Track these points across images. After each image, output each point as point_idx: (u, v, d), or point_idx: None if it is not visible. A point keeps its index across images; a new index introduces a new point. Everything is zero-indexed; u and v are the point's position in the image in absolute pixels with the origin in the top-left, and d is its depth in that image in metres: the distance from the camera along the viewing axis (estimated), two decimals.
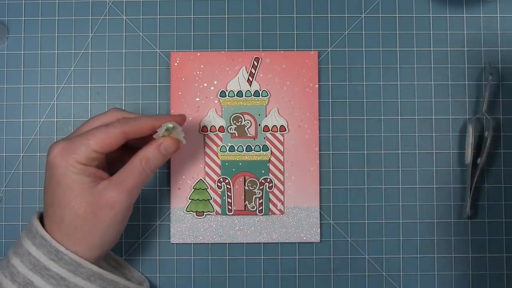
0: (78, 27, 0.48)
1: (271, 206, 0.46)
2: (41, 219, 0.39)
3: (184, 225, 0.46)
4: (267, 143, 0.46)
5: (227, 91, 0.47)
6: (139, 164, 0.39)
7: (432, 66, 0.47)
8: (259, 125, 0.47)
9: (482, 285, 0.47)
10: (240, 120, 0.47)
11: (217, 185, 0.46)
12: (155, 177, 0.47)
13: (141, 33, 0.48)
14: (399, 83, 0.47)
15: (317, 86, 0.47)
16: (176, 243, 0.46)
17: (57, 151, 0.37)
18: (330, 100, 0.47)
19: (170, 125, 0.40)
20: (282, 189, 0.46)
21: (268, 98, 0.47)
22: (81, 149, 0.37)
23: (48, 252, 0.37)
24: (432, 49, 0.47)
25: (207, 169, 0.46)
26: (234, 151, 0.46)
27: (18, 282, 0.36)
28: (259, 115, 0.47)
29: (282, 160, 0.46)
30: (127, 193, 0.38)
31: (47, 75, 0.47)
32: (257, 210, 0.46)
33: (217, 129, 0.47)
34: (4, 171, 0.47)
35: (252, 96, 0.47)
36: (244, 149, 0.46)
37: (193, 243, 0.46)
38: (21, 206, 0.47)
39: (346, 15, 0.48)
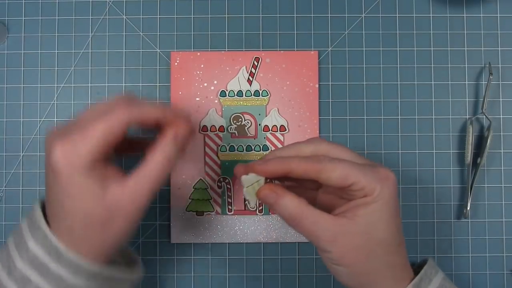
0: (78, 27, 0.48)
1: None
2: (43, 208, 0.35)
3: (184, 225, 0.46)
4: (267, 143, 0.46)
5: (227, 90, 0.47)
6: (158, 162, 0.34)
7: (432, 66, 0.47)
8: (259, 125, 0.47)
9: (482, 285, 0.47)
10: (240, 120, 0.47)
11: (217, 184, 0.46)
12: None
13: (141, 33, 0.48)
14: (399, 83, 0.47)
15: (317, 86, 0.47)
16: (176, 243, 0.46)
17: (59, 155, 0.33)
18: (330, 100, 0.47)
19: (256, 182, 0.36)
20: None
21: (268, 98, 0.47)
22: (85, 151, 0.33)
23: (48, 251, 0.34)
24: (432, 49, 0.47)
25: (207, 168, 0.46)
26: (234, 150, 0.46)
27: (15, 276, 0.33)
28: (259, 115, 0.47)
29: None
30: (143, 203, 0.34)
31: (47, 75, 0.47)
32: (257, 210, 0.46)
33: (217, 129, 0.47)
34: (4, 171, 0.47)
35: (252, 96, 0.47)
36: (244, 149, 0.46)
37: (193, 243, 0.46)
38: (21, 206, 0.47)
39: (346, 15, 0.48)
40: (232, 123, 0.47)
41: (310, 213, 0.34)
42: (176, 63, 0.47)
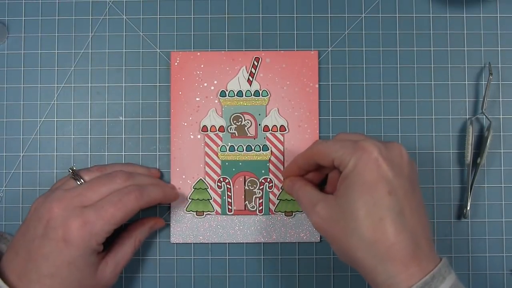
0: (78, 27, 0.48)
1: (271, 206, 0.46)
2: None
3: (184, 225, 0.46)
4: (267, 143, 0.46)
5: (227, 91, 0.47)
6: (132, 245, 0.42)
7: (432, 66, 0.47)
8: (259, 125, 0.47)
9: (482, 285, 0.47)
10: (240, 120, 0.47)
11: (217, 185, 0.46)
12: None
13: (141, 33, 0.48)
14: (399, 83, 0.47)
15: (317, 86, 0.47)
16: (176, 243, 0.46)
17: (77, 227, 0.37)
18: (330, 100, 0.47)
19: None
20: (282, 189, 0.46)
21: (268, 98, 0.47)
22: (101, 230, 0.37)
23: None
24: (432, 49, 0.47)
25: (207, 168, 0.46)
26: (234, 151, 0.46)
27: None
28: (259, 115, 0.47)
29: (282, 160, 0.46)
30: (118, 273, 0.41)
31: (47, 75, 0.47)
32: (257, 210, 0.46)
33: (217, 129, 0.47)
34: (4, 171, 0.47)
35: (252, 96, 0.47)
36: (244, 149, 0.46)
37: (193, 243, 0.46)
38: (21, 206, 0.47)
39: (346, 15, 0.48)
40: (232, 123, 0.47)
41: (300, 184, 0.41)
42: (176, 63, 0.47)
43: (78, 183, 0.41)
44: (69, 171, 0.42)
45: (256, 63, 0.47)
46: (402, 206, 0.34)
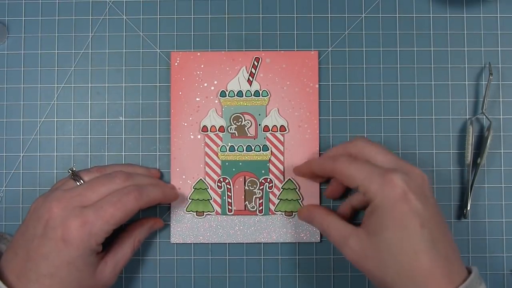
0: (78, 27, 0.48)
1: (271, 206, 0.46)
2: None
3: (184, 225, 0.46)
4: (267, 143, 0.46)
5: (227, 91, 0.47)
6: (132, 246, 0.42)
7: (432, 66, 0.47)
8: (259, 125, 0.47)
9: None
10: (240, 120, 0.47)
11: (217, 185, 0.46)
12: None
13: (141, 33, 0.48)
14: (399, 83, 0.47)
15: (317, 86, 0.47)
16: (176, 243, 0.46)
17: (76, 227, 0.37)
18: (330, 100, 0.47)
19: None
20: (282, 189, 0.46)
21: (268, 98, 0.47)
22: (100, 230, 0.37)
23: None
24: (432, 49, 0.47)
25: (207, 169, 0.46)
26: (234, 151, 0.46)
27: None
28: (259, 115, 0.47)
29: (282, 160, 0.46)
30: (118, 273, 0.41)
31: (47, 75, 0.47)
32: (257, 210, 0.46)
33: (217, 129, 0.47)
34: (4, 171, 0.47)
35: (252, 96, 0.47)
36: (244, 149, 0.46)
37: (193, 243, 0.46)
38: (21, 206, 0.47)
39: (346, 15, 0.48)
40: (232, 123, 0.47)
41: (321, 215, 0.41)
42: (176, 63, 0.47)
43: (78, 183, 0.41)
44: (69, 172, 0.42)
45: (256, 63, 0.47)
46: (434, 236, 0.35)
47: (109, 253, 0.41)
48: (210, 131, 0.47)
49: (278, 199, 0.46)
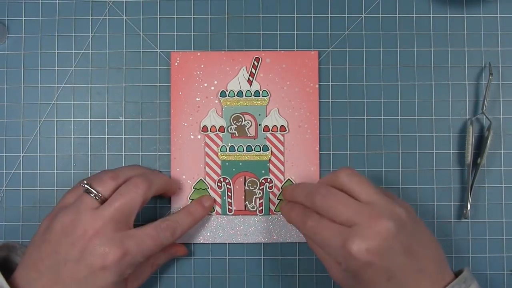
0: (78, 27, 0.48)
1: (271, 206, 0.46)
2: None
3: None
4: (267, 143, 0.46)
5: (227, 91, 0.47)
6: (151, 269, 0.43)
7: (432, 66, 0.47)
8: (259, 125, 0.47)
9: (482, 285, 0.46)
10: (240, 120, 0.47)
11: (217, 185, 0.46)
12: None
13: (141, 33, 0.48)
14: (399, 83, 0.47)
15: (317, 86, 0.47)
16: (176, 243, 0.46)
17: (117, 257, 0.37)
18: (330, 100, 0.47)
19: None
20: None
21: (268, 98, 0.47)
22: (138, 261, 0.38)
23: None
24: (432, 49, 0.47)
25: (207, 169, 0.46)
26: (234, 151, 0.46)
27: None
28: (259, 115, 0.47)
29: (282, 160, 0.46)
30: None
31: (47, 75, 0.47)
32: (257, 210, 0.46)
33: (217, 129, 0.47)
34: (4, 171, 0.47)
35: (252, 96, 0.47)
36: (244, 149, 0.46)
37: (193, 243, 0.47)
38: (21, 206, 0.47)
39: (346, 15, 0.48)
40: (232, 123, 0.47)
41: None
42: (176, 63, 0.47)
43: (96, 198, 0.39)
44: (83, 185, 0.39)
45: (256, 63, 0.47)
46: (403, 281, 0.36)
47: (130, 276, 0.41)
48: (210, 131, 0.47)
49: (278, 199, 0.46)
